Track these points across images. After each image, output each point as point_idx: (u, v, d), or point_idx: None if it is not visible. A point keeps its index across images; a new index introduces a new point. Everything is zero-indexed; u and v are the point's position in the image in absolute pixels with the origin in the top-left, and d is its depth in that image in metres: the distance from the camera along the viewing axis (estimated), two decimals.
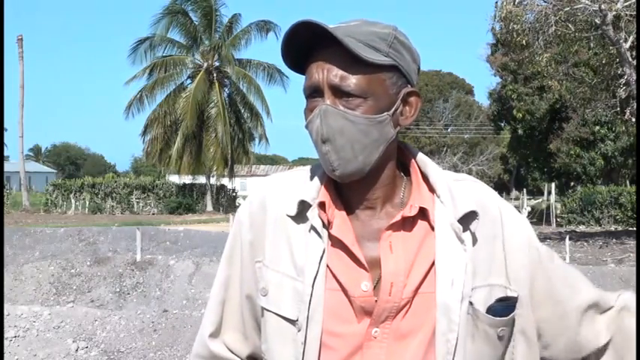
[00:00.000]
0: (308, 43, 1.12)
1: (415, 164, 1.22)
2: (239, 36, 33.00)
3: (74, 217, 28.32)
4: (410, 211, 1.15)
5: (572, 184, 31.04)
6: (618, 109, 15.85)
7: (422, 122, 44.49)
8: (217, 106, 31.15)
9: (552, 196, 27.60)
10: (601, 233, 18.79)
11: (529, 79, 26.10)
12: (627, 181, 30.02)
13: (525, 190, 30.21)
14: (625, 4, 13.06)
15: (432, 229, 1.16)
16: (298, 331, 1.14)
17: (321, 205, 1.17)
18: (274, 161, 76.92)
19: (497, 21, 14.68)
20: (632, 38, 13.35)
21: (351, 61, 1.09)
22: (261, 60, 33.44)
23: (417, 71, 1.19)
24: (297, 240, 1.17)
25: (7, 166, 47.26)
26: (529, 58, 15.74)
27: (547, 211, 26.51)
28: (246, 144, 33.80)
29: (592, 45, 15.11)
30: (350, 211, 1.19)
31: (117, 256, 9.94)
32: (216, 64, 32.44)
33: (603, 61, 15.07)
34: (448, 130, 47.71)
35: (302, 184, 1.21)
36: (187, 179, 33.47)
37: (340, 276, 1.15)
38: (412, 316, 1.13)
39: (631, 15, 13.02)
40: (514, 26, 13.96)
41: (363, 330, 1.14)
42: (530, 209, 28.48)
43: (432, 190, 1.19)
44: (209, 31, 32.53)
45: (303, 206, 1.17)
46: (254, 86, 32.89)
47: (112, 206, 32.09)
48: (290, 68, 1.17)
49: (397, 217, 1.15)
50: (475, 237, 1.15)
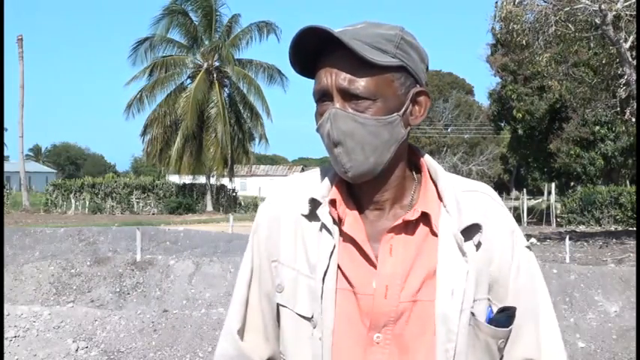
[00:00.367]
0: (315, 48, 1.13)
1: (426, 167, 1.22)
2: (239, 36, 33.02)
3: (74, 217, 28.32)
4: (412, 214, 1.16)
5: (572, 184, 31.03)
6: (618, 109, 15.85)
7: (422, 122, 44.41)
8: (217, 106, 31.16)
9: (552, 196, 27.62)
10: (601, 233, 18.78)
11: (529, 79, 26.09)
12: (627, 181, 30.01)
13: (525, 190, 30.18)
14: (625, 4, 13.06)
15: (435, 235, 1.16)
16: (314, 327, 1.15)
17: (332, 202, 1.18)
18: (274, 161, 76.90)
19: (497, 21, 14.68)
20: (632, 38, 13.35)
21: (358, 64, 1.10)
22: (262, 60, 33.55)
23: (426, 70, 1.20)
24: (311, 238, 1.18)
25: (7, 166, 47.23)
26: (529, 58, 15.75)
27: (547, 211, 26.52)
28: (246, 144, 33.81)
29: (592, 45, 15.11)
30: (361, 210, 1.19)
31: (117, 256, 9.93)
32: (216, 64, 32.44)
33: (603, 61, 15.07)
34: (448, 130, 47.70)
35: (315, 183, 1.22)
36: (187, 179, 33.48)
37: (350, 274, 1.15)
38: (413, 325, 1.13)
39: (631, 15, 13.02)
40: (514, 26, 13.96)
41: (365, 333, 1.14)
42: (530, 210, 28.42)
43: (440, 197, 1.19)
44: (209, 31, 32.54)
45: (315, 204, 1.18)
46: (254, 86, 32.90)
47: (112, 206, 32.10)
48: (299, 73, 1.18)
49: (399, 221, 1.16)
50: (479, 249, 1.15)
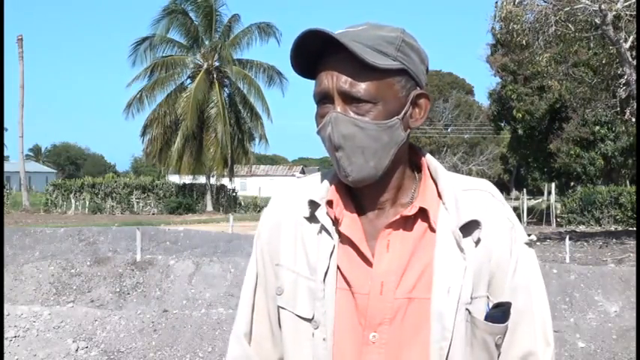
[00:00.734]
0: (316, 51, 1.13)
1: (426, 166, 1.22)
2: (239, 36, 33.01)
3: (74, 217, 28.31)
4: (410, 210, 1.15)
5: (572, 184, 31.00)
6: (618, 109, 15.84)
7: (422, 122, 44.41)
8: (217, 106, 31.15)
9: (552, 196, 27.59)
10: (601, 233, 18.78)
11: (529, 79, 26.06)
12: (627, 181, 30.00)
13: (525, 190, 30.15)
14: (625, 4, 13.05)
15: (433, 231, 1.15)
16: (315, 328, 1.15)
17: (330, 203, 1.18)
18: (274, 161, 76.91)
19: (497, 21, 14.68)
20: (632, 38, 13.34)
21: (359, 67, 1.09)
22: (262, 61, 33.55)
23: (426, 72, 1.19)
24: (311, 240, 1.18)
25: (7, 166, 47.23)
26: (529, 58, 15.75)
27: (547, 211, 26.50)
28: (246, 144, 33.81)
29: (592, 45, 15.10)
30: (361, 211, 1.19)
31: (117, 256, 9.93)
32: (216, 64, 32.44)
33: (603, 61, 15.07)
34: (448, 130, 47.66)
35: (315, 186, 1.22)
36: (187, 179, 33.47)
37: (348, 274, 1.15)
38: (409, 323, 1.12)
39: (631, 15, 13.02)
40: (514, 26, 13.95)
41: (361, 333, 1.13)
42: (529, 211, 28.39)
43: (440, 195, 1.18)
44: (209, 32, 32.53)
45: (314, 206, 1.18)
46: (254, 86, 32.90)
47: (112, 206, 32.09)
48: (300, 75, 1.17)
49: (397, 216, 1.15)
50: (478, 246, 1.14)
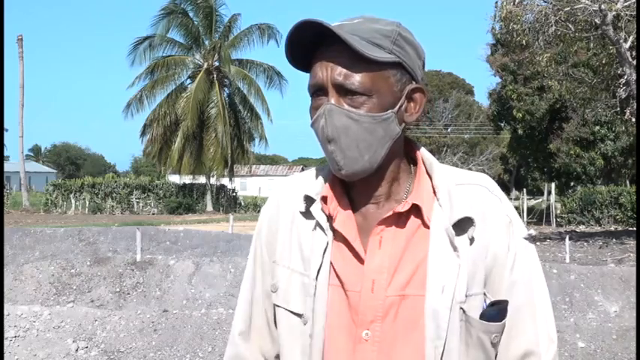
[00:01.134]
0: (311, 42, 1.11)
1: (421, 160, 1.20)
2: (239, 37, 33.01)
3: (74, 217, 28.30)
4: (403, 206, 1.13)
5: (572, 184, 30.99)
6: (618, 109, 15.82)
7: (422, 122, 44.44)
8: (217, 106, 31.16)
9: (552, 196, 27.58)
10: (601, 233, 18.77)
11: (529, 79, 26.06)
12: (627, 181, 30.01)
13: (525, 190, 30.15)
14: (625, 4, 13.05)
15: (427, 227, 1.13)
16: (304, 324, 1.14)
17: (325, 199, 1.17)
18: (274, 161, 76.92)
19: (497, 21, 14.67)
20: (632, 38, 13.34)
21: (354, 59, 1.08)
22: (262, 61, 33.57)
23: (422, 67, 1.18)
24: (306, 236, 1.17)
25: (7, 166, 47.24)
26: (529, 58, 15.73)
27: (547, 211, 26.50)
28: (246, 144, 33.81)
29: (592, 45, 15.09)
30: (355, 206, 1.18)
31: (117, 256, 9.93)
32: (216, 64, 32.44)
33: (603, 61, 15.05)
34: (448, 130, 47.66)
35: (311, 181, 1.21)
36: (187, 179, 33.48)
37: (341, 271, 1.14)
38: (402, 320, 1.10)
39: (631, 15, 13.01)
40: (514, 26, 13.94)
41: (354, 330, 1.12)
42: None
43: (435, 190, 1.16)
44: (209, 32, 32.53)
45: (309, 202, 1.18)
46: (254, 87, 32.90)
47: (112, 206, 32.09)
48: (294, 67, 1.16)
49: (389, 213, 1.14)
50: (473, 243, 1.12)
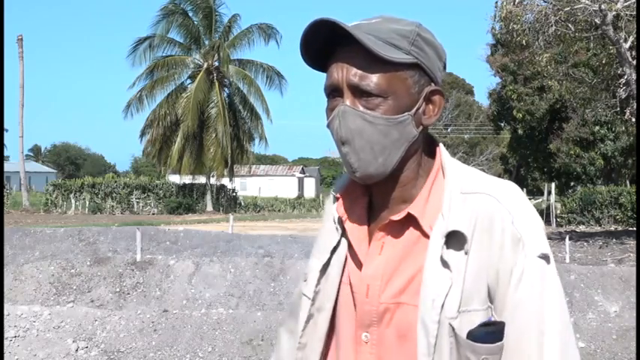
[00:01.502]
0: (327, 42, 1.10)
1: (440, 162, 1.15)
2: (239, 37, 33.01)
3: (74, 217, 28.30)
4: (399, 215, 1.12)
5: (572, 184, 31.01)
6: (618, 109, 15.83)
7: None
8: (217, 106, 31.16)
9: (552, 196, 27.56)
10: (601, 233, 18.77)
11: (529, 79, 26.08)
12: (627, 181, 30.01)
13: (525, 190, 30.17)
14: (625, 4, 13.05)
15: (427, 237, 1.09)
16: (312, 305, 1.19)
17: (341, 197, 1.20)
18: (274, 161, 76.95)
19: (497, 21, 14.67)
20: (632, 38, 13.34)
21: (370, 59, 1.06)
22: (262, 61, 33.56)
23: (444, 68, 1.15)
24: (327, 232, 1.22)
25: (7, 166, 47.27)
26: (529, 58, 15.73)
27: (547, 211, 26.49)
28: (246, 144, 33.83)
29: (592, 45, 15.10)
30: (374, 208, 1.18)
31: (117, 256, 9.93)
32: (216, 64, 32.44)
33: (603, 61, 15.06)
34: (448, 130, 47.71)
35: (343, 179, 1.24)
36: (187, 179, 33.48)
37: (350, 272, 1.17)
38: (395, 327, 1.10)
39: (631, 15, 13.01)
40: (514, 26, 13.94)
41: (355, 331, 1.14)
42: None
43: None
44: (209, 32, 32.54)
45: (334, 200, 1.22)
46: (254, 87, 32.90)
47: (112, 206, 32.09)
48: (310, 66, 1.14)
49: (386, 220, 1.13)
50: (469, 258, 1.06)
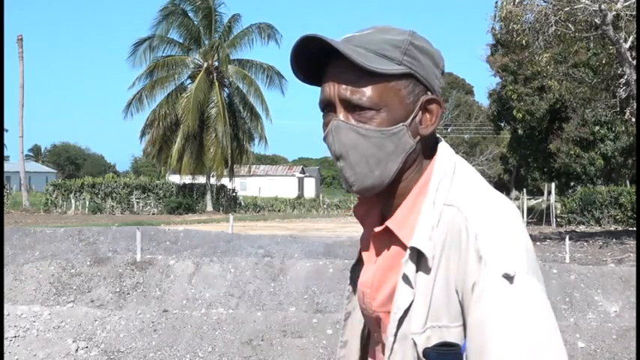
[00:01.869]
0: (318, 57, 1.09)
1: (430, 171, 1.12)
2: (239, 37, 33.01)
3: (74, 217, 28.30)
4: (380, 227, 1.11)
5: (572, 184, 30.99)
6: (618, 109, 15.82)
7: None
8: (217, 106, 31.15)
9: (552, 196, 27.56)
10: (601, 233, 18.76)
11: (529, 79, 26.06)
12: (627, 181, 30.01)
13: (525, 190, 30.15)
14: (625, 4, 13.05)
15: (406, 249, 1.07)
16: (348, 303, 1.29)
17: (359, 203, 1.23)
18: (274, 161, 76.97)
19: (497, 21, 14.67)
20: (632, 38, 13.34)
21: (360, 73, 1.04)
22: (262, 61, 33.56)
23: (441, 75, 1.13)
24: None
25: (7, 166, 47.27)
26: (529, 58, 15.74)
27: (547, 211, 26.49)
28: (246, 144, 33.83)
29: (592, 45, 15.10)
30: (385, 214, 1.16)
31: (117, 256, 9.93)
32: (216, 64, 32.44)
33: (603, 61, 15.06)
34: (448, 130, 47.72)
35: None
36: (187, 179, 33.49)
37: (360, 276, 1.22)
38: (390, 336, 1.09)
39: (631, 15, 13.01)
40: (514, 26, 13.94)
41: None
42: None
43: None
44: (209, 32, 32.53)
45: None
46: (254, 87, 32.90)
47: (112, 206, 32.09)
48: (302, 81, 1.13)
49: (373, 231, 1.14)
50: (433, 274, 1.02)
